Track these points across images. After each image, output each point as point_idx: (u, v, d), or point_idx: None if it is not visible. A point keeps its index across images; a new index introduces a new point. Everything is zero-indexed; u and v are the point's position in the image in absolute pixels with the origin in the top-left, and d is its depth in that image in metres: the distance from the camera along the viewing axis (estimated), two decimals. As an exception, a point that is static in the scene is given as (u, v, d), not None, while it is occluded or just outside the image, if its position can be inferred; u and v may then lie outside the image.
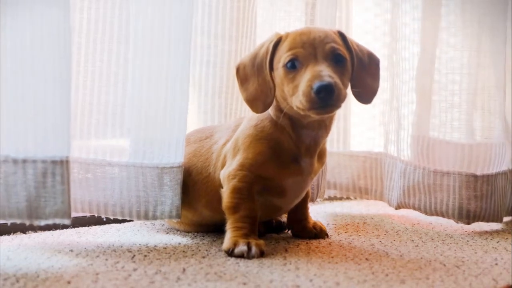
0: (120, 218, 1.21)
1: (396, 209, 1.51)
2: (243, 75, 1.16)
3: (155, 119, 1.19)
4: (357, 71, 1.14)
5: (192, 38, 1.25)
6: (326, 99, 1.03)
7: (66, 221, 1.05)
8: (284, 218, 1.33)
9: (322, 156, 1.22)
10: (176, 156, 1.20)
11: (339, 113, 1.64)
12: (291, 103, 1.09)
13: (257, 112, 1.15)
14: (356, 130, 1.72)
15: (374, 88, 1.18)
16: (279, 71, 1.11)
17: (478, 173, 1.41)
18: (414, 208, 1.47)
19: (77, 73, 1.20)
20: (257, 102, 1.14)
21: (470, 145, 1.45)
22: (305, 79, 1.05)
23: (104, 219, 1.33)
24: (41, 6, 1.02)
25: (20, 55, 1.02)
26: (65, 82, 1.05)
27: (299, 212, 1.28)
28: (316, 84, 1.03)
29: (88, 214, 1.22)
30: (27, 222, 1.04)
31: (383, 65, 1.59)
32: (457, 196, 1.41)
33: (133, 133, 1.20)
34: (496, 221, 1.43)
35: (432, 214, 1.45)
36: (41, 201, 1.03)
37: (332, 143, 1.65)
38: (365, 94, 1.17)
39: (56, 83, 1.04)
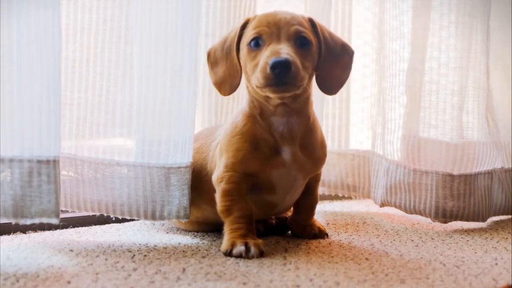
0: (128, 217, 1.22)
1: (380, 206, 1.53)
2: (213, 59, 1.18)
3: (162, 119, 1.19)
4: (325, 59, 1.14)
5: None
6: (281, 76, 1.03)
7: (54, 221, 1.05)
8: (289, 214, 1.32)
9: (312, 151, 1.18)
10: (183, 156, 1.20)
11: (333, 112, 1.65)
12: (252, 83, 1.09)
13: (224, 94, 1.18)
14: (354, 130, 1.72)
15: (342, 79, 1.18)
16: (243, 51, 1.12)
17: (455, 172, 1.42)
18: (396, 206, 1.49)
19: (86, 73, 1.21)
20: (224, 85, 1.16)
21: (448, 144, 1.45)
22: (264, 56, 1.06)
23: (111, 219, 1.33)
24: (31, 6, 1.02)
25: (8, 55, 1.02)
26: (53, 82, 1.05)
27: (302, 218, 1.27)
28: (272, 60, 1.03)
29: (97, 213, 1.23)
30: (13, 221, 1.04)
31: (372, 69, 1.61)
32: (434, 195, 1.42)
33: (141, 132, 1.21)
34: (477, 221, 1.43)
35: (411, 213, 1.46)
36: (27, 200, 1.04)
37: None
38: (330, 84, 1.17)
39: (45, 83, 1.04)
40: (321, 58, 1.14)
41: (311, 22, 1.15)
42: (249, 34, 1.11)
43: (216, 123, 1.44)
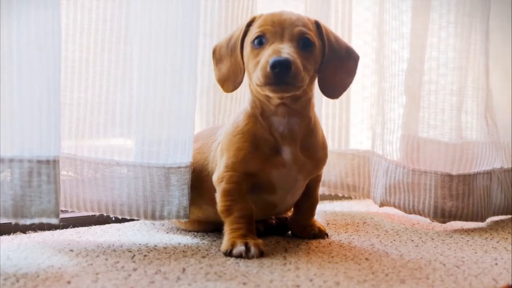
0: (128, 217, 1.22)
1: (380, 206, 1.53)
2: (218, 56, 1.19)
3: (161, 119, 1.20)
4: (329, 62, 1.15)
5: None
6: (281, 75, 1.03)
7: (54, 221, 1.05)
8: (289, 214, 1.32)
9: (313, 152, 1.18)
10: (182, 156, 1.20)
11: (333, 112, 1.65)
12: (253, 81, 1.10)
13: (227, 91, 1.18)
14: (354, 129, 1.72)
15: (346, 84, 1.19)
16: (247, 49, 1.12)
17: (454, 172, 1.42)
18: (395, 206, 1.49)
19: (86, 73, 1.21)
20: (228, 82, 1.17)
21: (447, 144, 1.45)
22: (266, 54, 1.06)
23: (110, 219, 1.34)
24: (31, 6, 1.02)
25: (8, 55, 1.02)
26: (53, 82, 1.05)
27: (302, 218, 1.27)
28: (272, 59, 1.03)
29: (97, 213, 1.24)
30: (13, 221, 1.05)
31: (372, 69, 1.61)
32: (433, 195, 1.42)
33: (140, 132, 1.21)
34: (476, 221, 1.44)
35: (410, 213, 1.46)
36: (27, 200, 1.04)
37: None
38: (333, 88, 1.18)
39: (45, 83, 1.04)
40: (324, 60, 1.14)
41: (317, 24, 1.15)
42: (253, 32, 1.11)
43: (213, 123, 1.44)
